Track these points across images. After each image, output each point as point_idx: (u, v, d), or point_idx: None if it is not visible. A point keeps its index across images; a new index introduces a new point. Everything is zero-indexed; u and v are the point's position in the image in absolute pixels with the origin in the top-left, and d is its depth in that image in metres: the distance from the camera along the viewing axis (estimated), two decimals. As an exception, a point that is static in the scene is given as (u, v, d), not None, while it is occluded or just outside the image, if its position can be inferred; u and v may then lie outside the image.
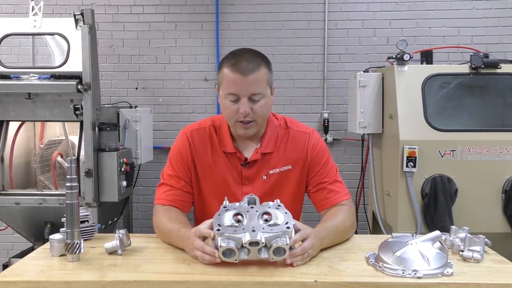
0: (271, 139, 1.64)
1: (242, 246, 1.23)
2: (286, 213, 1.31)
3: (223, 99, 1.54)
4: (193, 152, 1.65)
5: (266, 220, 1.29)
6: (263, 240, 1.22)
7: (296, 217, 1.71)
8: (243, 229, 1.25)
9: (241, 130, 1.56)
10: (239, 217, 1.31)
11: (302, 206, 1.75)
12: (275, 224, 1.28)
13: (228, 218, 1.31)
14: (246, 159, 1.62)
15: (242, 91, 1.48)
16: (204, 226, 1.33)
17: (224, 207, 1.35)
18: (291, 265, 1.26)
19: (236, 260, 1.22)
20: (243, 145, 1.64)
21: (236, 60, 1.49)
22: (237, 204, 1.36)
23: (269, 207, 1.34)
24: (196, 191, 1.68)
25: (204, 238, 1.33)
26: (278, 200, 1.36)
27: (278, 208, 1.33)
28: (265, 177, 1.62)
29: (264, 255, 1.23)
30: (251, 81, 1.48)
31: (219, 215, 1.31)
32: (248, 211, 1.32)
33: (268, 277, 1.19)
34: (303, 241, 1.29)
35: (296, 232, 1.30)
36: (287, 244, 1.22)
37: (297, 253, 1.26)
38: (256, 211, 1.32)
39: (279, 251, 1.23)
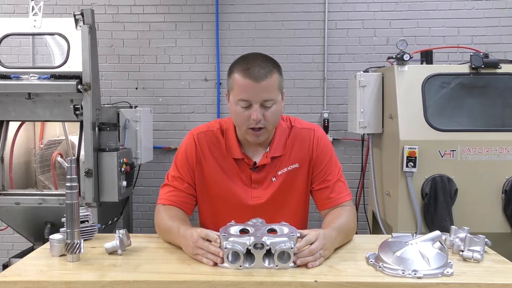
0: (279, 143, 1.62)
1: (247, 252, 1.23)
2: (291, 227, 1.33)
3: (233, 105, 1.51)
4: (199, 154, 1.62)
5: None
6: (268, 243, 1.23)
7: (305, 215, 1.72)
8: (248, 235, 1.27)
9: (251, 137, 1.53)
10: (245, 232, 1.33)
11: (309, 205, 1.74)
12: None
13: (234, 230, 1.33)
14: (255, 163, 1.61)
15: (254, 97, 1.46)
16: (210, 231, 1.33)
17: (231, 224, 1.37)
18: (306, 266, 1.25)
19: (240, 266, 1.23)
20: (250, 150, 1.62)
21: (248, 65, 1.46)
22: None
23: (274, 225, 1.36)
24: (203, 194, 1.66)
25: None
26: (283, 222, 1.37)
27: (284, 225, 1.35)
28: (274, 178, 1.61)
29: (269, 263, 1.24)
30: (263, 87, 1.45)
31: (225, 227, 1.33)
32: (254, 227, 1.34)
33: (268, 277, 1.19)
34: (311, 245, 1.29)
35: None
36: (292, 248, 1.22)
37: (304, 254, 1.26)
38: (263, 226, 1.35)
39: (283, 256, 1.24)
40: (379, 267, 1.24)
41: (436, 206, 2.57)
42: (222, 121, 1.68)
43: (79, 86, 2.78)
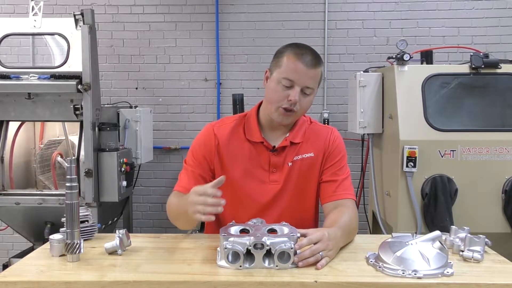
0: (300, 131, 1.69)
1: (247, 252, 1.24)
2: (291, 227, 1.34)
3: (274, 83, 1.57)
4: (218, 142, 1.67)
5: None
6: (268, 243, 1.23)
7: (317, 209, 1.75)
8: (248, 235, 1.28)
9: (280, 117, 1.59)
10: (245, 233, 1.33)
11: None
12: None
13: (234, 230, 1.33)
14: (274, 147, 1.65)
15: (300, 80, 1.54)
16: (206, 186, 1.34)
17: (231, 224, 1.37)
18: (316, 267, 1.25)
19: (240, 266, 1.23)
20: (271, 134, 1.68)
21: (301, 51, 1.56)
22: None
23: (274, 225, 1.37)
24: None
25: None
26: (284, 222, 1.39)
27: (284, 225, 1.36)
28: (290, 163, 1.65)
29: (269, 264, 1.24)
30: (311, 74, 1.55)
31: (225, 227, 1.34)
32: (254, 227, 1.35)
33: (268, 277, 1.19)
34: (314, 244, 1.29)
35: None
36: (292, 249, 1.23)
37: (305, 255, 1.26)
38: (263, 227, 1.35)
39: (283, 256, 1.24)
40: (379, 267, 1.24)
41: (436, 206, 2.56)
42: (241, 114, 1.77)
43: (79, 86, 2.78)
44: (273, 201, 1.64)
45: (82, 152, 2.85)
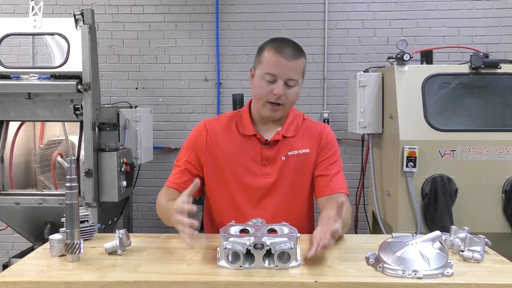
0: (292, 125, 1.70)
1: (247, 252, 1.24)
2: (291, 227, 1.34)
3: (258, 79, 1.59)
4: (210, 138, 1.69)
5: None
6: (268, 243, 1.23)
7: (312, 205, 1.76)
8: (248, 235, 1.28)
9: (268, 111, 1.61)
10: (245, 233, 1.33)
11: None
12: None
13: (234, 230, 1.33)
14: (266, 140, 1.66)
15: (282, 73, 1.56)
16: (182, 200, 1.35)
17: (231, 224, 1.38)
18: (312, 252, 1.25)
19: (240, 266, 1.23)
20: (263, 128, 1.69)
21: (281, 45, 1.59)
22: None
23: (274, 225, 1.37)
24: (215, 177, 1.70)
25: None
26: (283, 222, 1.39)
27: (284, 225, 1.37)
28: (283, 158, 1.66)
29: (269, 264, 1.24)
30: (291, 66, 1.57)
31: (225, 227, 1.34)
32: (254, 227, 1.35)
33: (268, 277, 1.19)
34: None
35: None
36: (292, 249, 1.23)
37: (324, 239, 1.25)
38: (263, 227, 1.36)
39: (283, 256, 1.24)
40: (379, 267, 1.24)
41: (436, 206, 2.56)
42: (234, 111, 1.79)
43: (79, 86, 2.78)
44: (266, 193, 1.65)
45: (82, 152, 2.85)
